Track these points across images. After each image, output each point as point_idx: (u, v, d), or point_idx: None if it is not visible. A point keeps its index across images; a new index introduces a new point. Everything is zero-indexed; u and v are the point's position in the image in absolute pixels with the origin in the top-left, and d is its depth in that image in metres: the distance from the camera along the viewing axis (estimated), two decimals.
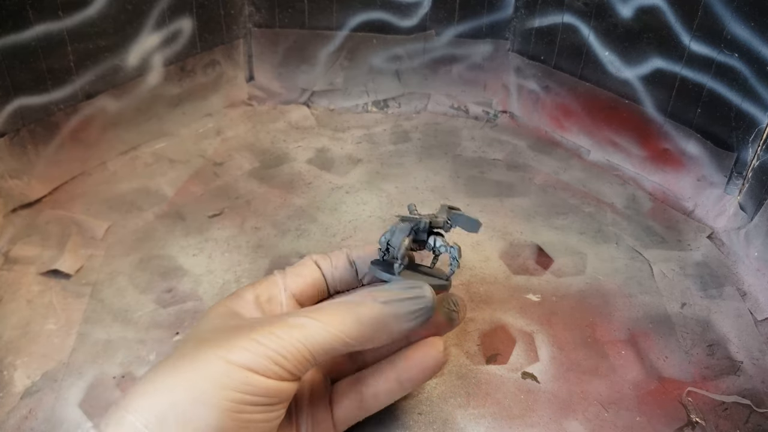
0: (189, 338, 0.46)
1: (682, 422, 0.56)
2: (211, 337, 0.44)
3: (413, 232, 0.51)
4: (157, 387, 0.41)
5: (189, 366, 0.41)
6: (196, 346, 0.43)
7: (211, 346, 0.42)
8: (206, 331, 0.45)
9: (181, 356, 0.42)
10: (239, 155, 0.92)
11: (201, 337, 0.44)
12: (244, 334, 0.43)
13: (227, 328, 0.45)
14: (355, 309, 0.45)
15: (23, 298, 0.66)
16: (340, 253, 0.55)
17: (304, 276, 0.53)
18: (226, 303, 0.49)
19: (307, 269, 0.53)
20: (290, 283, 0.52)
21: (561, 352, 0.62)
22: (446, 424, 0.54)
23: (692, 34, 0.79)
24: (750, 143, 0.76)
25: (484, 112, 1.05)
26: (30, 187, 0.79)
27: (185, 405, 0.39)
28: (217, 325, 0.46)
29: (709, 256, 0.76)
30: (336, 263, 0.54)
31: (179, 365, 0.41)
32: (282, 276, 0.52)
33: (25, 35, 0.74)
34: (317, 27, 1.03)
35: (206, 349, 0.42)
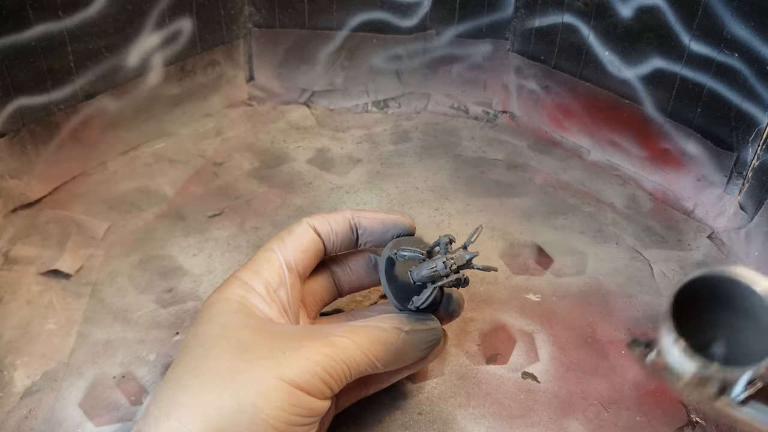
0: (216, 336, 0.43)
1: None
2: (256, 344, 0.43)
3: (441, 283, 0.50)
4: (209, 401, 0.40)
5: (244, 382, 0.40)
6: (243, 354, 0.42)
7: (264, 360, 0.42)
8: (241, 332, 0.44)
9: (230, 368, 0.41)
10: (239, 155, 0.92)
11: (242, 341, 0.43)
12: (294, 349, 0.43)
13: (270, 336, 0.44)
14: (385, 336, 0.47)
15: (23, 298, 0.66)
16: (341, 218, 0.53)
17: (305, 249, 0.51)
18: (236, 294, 0.47)
19: (307, 238, 0.51)
20: (292, 260, 0.50)
21: (561, 352, 0.62)
22: (446, 424, 0.54)
23: (692, 34, 0.79)
24: (750, 143, 0.76)
25: (484, 112, 1.05)
26: (30, 187, 0.79)
27: (243, 424, 0.39)
28: (250, 325, 0.44)
29: (710, 256, 0.76)
30: (336, 229, 0.53)
31: (232, 379, 0.40)
32: (282, 250, 0.50)
33: (25, 35, 0.74)
34: (317, 27, 1.03)
35: (259, 363, 0.41)
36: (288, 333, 0.45)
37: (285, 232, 0.52)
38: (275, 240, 0.51)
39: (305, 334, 0.45)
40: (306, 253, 0.51)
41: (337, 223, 0.53)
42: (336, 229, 0.53)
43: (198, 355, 0.42)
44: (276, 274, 0.49)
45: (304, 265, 0.51)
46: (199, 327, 0.45)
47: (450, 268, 0.50)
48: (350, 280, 0.57)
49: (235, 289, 0.48)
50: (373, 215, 0.54)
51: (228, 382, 0.40)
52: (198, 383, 0.41)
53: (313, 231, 0.52)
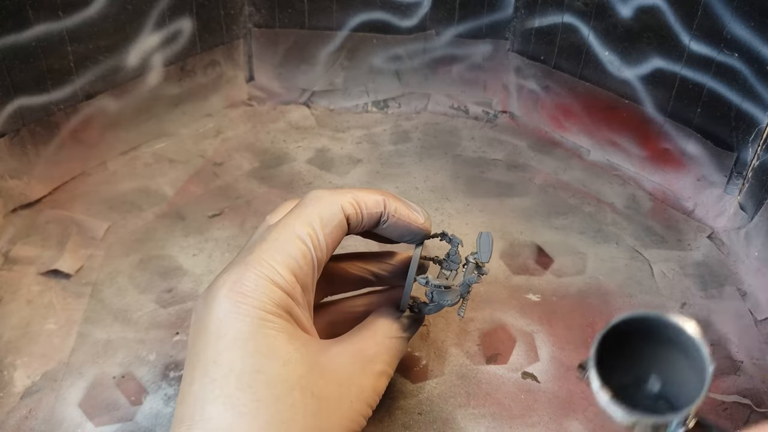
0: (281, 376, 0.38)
1: None
2: (330, 398, 0.40)
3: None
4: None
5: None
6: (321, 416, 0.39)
7: (339, 421, 0.41)
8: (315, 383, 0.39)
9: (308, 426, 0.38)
10: (239, 155, 0.92)
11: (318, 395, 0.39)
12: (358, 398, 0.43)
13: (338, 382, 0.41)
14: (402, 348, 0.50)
15: (23, 298, 0.66)
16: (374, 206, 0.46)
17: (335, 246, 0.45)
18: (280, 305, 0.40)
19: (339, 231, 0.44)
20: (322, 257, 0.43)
21: (561, 352, 0.62)
22: (446, 424, 0.54)
23: (692, 33, 0.79)
24: (750, 143, 0.76)
25: (484, 112, 1.05)
26: (30, 187, 0.79)
27: None
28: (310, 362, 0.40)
29: (709, 256, 0.76)
30: (366, 220, 0.46)
31: None
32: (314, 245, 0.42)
33: (25, 35, 0.74)
34: (317, 27, 1.03)
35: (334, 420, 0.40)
36: (344, 369, 0.42)
37: (315, 216, 0.43)
38: (304, 224, 0.42)
39: (357, 368, 0.44)
40: (334, 246, 0.45)
41: (370, 216, 0.46)
42: (365, 221, 0.46)
43: (270, 407, 0.37)
44: (309, 278, 0.42)
45: (326, 261, 0.45)
46: (256, 359, 0.38)
47: (463, 296, 0.53)
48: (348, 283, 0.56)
49: (278, 301, 0.40)
50: (405, 215, 0.48)
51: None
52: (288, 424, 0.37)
53: (345, 221, 0.44)
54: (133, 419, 0.55)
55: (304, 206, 0.44)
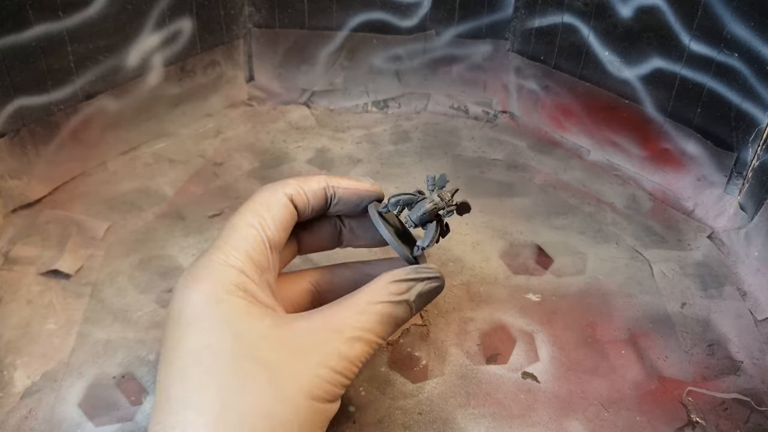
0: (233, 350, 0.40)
1: (683, 422, 0.56)
2: (279, 361, 0.40)
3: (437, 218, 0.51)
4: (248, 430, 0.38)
5: (281, 410, 0.39)
6: (271, 377, 0.39)
7: (293, 384, 0.40)
8: (259, 345, 0.41)
9: (262, 394, 0.39)
10: (239, 155, 0.92)
11: (264, 360, 0.40)
12: (319, 364, 0.41)
13: (287, 346, 0.41)
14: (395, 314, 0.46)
15: (23, 299, 0.66)
16: (318, 188, 0.50)
17: (285, 227, 0.48)
18: (234, 284, 0.43)
19: (287, 214, 0.48)
20: (273, 238, 0.47)
21: (561, 352, 0.62)
22: (446, 424, 0.54)
23: (692, 33, 0.79)
24: (750, 143, 0.76)
25: (484, 112, 1.05)
26: (30, 187, 0.79)
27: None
28: (264, 334, 0.41)
29: (709, 255, 0.76)
30: (312, 202, 0.50)
31: (268, 412, 0.39)
32: (264, 228, 0.46)
33: (25, 35, 0.74)
34: (317, 27, 1.03)
35: (290, 388, 0.40)
36: (304, 336, 0.43)
37: (261, 205, 0.48)
38: (252, 214, 0.47)
39: (321, 336, 0.43)
40: (286, 230, 0.48)
41: (314, 194, 0.50)
42: (312, 202, 0.50)
43: (220, 379, 0.39)
44: (264, 257, 0.46)
45: (281, 242, 0.48)
46: (205, 337, 0.40)
47: (445, 200, 0.50)
48: (312, 242, 0.55)
49: (232, 280, 0.43)
50: (347, 185, 0.51)
51: (265, 414, 0.39)
52: (231, 417, 0.38)
53: (290, 203, 0.49)
54: (133, 419, 0.55)
55: (252, 198, 0.49)
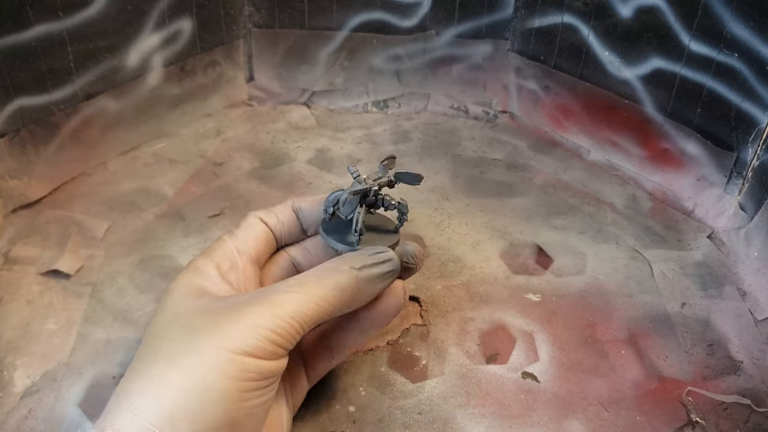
0: (166, 324, 0.44)
1: (683, 422, 0.56)
2: (201, 324, 0.43)
3: (363, 200, 0.52)
4: (159, 384, 0.40)
5: (190, 360, 0.40)
6: (189, 336, 0.42)
7: (207, 335, 0.41)
8: (189, 315, 0.44)
9: (177, 350, 0.41)
10: (239, 155, 0.92)
11: (189, 324, 0.43)
12: (237, 318, 0.42)
13: (214, 312, 0.43)
14: (336, 278, 0.46)
15: (23, 298, 0.66)
16: (284, 206, 0.55)
17: (256, 236, 0.52)
18: (187, 280, 0.47)
19: (256, 228, 0.53)
20: (243, 246, 0.51)
21: (561, 352, 0.62)
22: (446, 424, 0.54)
23: (692, 33, 0.79)
24: (750, 143, 0.76)
25: (484, 112, 1.05)
26: (30, 187, 0.79)
27: (194, 402, 0.39)
28: (197, 307, 0.45)
29: (709, 255, 0.76)
30: (282, 218, 0.54)
31: (179, 360, 0.41)
32: (233, 239, 0.51)
33: (25, 35, 0.74)
34: (317, 27, 1.03)
35: (203, 339, 0.41)
36: (233, 305, 0.44)
37: (235, 226, 0.53)
38: (225, 232, 0.53)
39: (249, 300, 0.44)
40: (257, 240, 0.52)
41: (282, 212, 0.54)
42: (282, 218, 0.54)
43: (151, 345, 0.43)
44: (226, 258, 0.50)
45: (256, 251, 0.52)
46: (153, 319, 0.45)
47: (365, 181, 0.52)
48: (309, 261, 0.56)
49: (185, 276, 0.48)
50: (311, 198, 0.55)
51: (175, 364, 0.40)
52: (149, 371, 0.41)
53: (260, 222, 0.53)
54: None
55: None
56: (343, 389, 0.57)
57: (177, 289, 0.47)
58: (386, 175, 0.53)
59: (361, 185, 0.52)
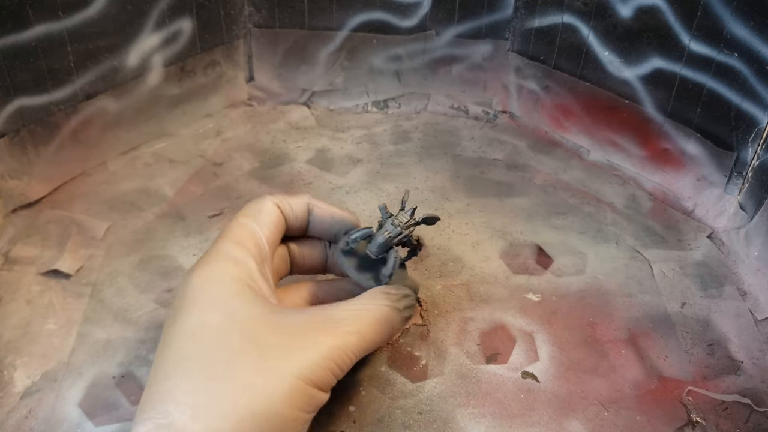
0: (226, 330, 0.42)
1: (683, 421, 0.56)
2: (273, 343, 0.42)
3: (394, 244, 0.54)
4: (230, 405, 0.39)
5: (264, 383, 0.40)
6: (262, 354, 0.41)
7: (282, 360, 0.41)
8: (256, 327, 0.42)
9: (249, 367, 0.40)
10: (239, 155, 0.92)
11: (259, 339, 0.42)
12: (308, 346, 0.42)
13: (284, 331, 0.43)
14: (386, 318, 0.48)
15: (23, 298, 0.66)
16: (299, 200, 0.54)
17: (275, 224, 0.52)
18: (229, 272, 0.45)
19: (275, 216, 0.52)
20: (267, 234, 0.51)
21: (561, 352, 0.62)
22: (446, 424, 0.54)
23: (692, 33, 0.79)
24: (750, 143, 0.76)
25: (484, 112, 1.05)
26: (30, 187, 0.79)
27: (257, 425, 0.39)
28: (261, 317, 0.43)
29: (709, 255, 0.76)
30: (296, 211, 0.54)
31: (251, 380, 0.40)
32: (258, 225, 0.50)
33: (25, 35, 0.74)
34: (317, 27, 1.03)
35: (278, 364, 0.41)
36: (298, 324, 0.44)
37: (253, 209, 0.51)
38: (246, 216, 0.51)
39: (316, 326, 0.44)
40: (276, 229, 0.52)
41: (298, 205, 0.54)
42: (296, 212, 0.53)
43: (209, 352, 0.41)
44: (259, 250, 0.49)
45: (274, 240, 0.51)
46: (200, 315, 0.43)
47: (400, 226, 0.53)
48: (303, 262, 0.57)
49: (224, 266, 0.46)
50: (326, 207, 0.55)
51: (247, 384, 0.40)
52: (216, 386, 0.39)
53: (277, 209, 0.52)
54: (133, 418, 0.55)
55: (242, 208, 0.52)
56: (343, 389, 0.57)
57: (220, 281, 0.45)
58: (412, 218, 0.55)
59: (398, 229, 0.53)
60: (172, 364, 0.40)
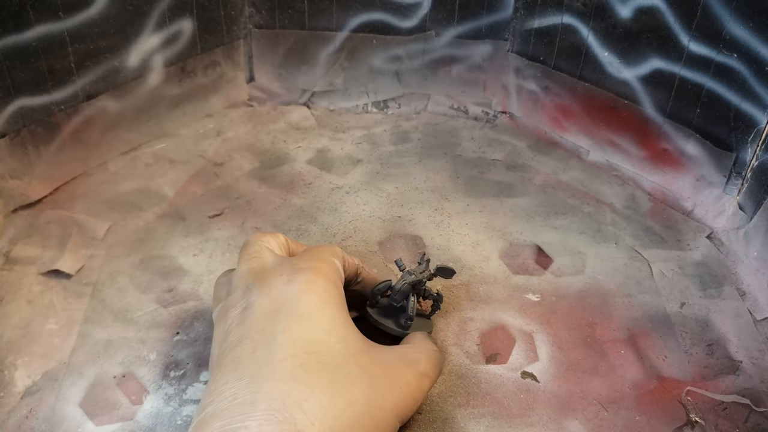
0: (341, 354, 0.44)
1: (682, 421, 0.56)
2: (381, 378, 0.44)
3: (413, 290, 0.59)
4: (348, 430, 0.40)
5: (376, 416, 0.42)
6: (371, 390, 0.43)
7: (389, 400, 0.44)
8: (366, 361, 0.45)
9: (365, 401, 0.42)
10: (239, 156, 0.93)
11: (367, 369, 0.44)
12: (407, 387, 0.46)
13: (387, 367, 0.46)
14: (439, 359, 0.54)
15: (24, 298, 0.66)
16: (353, 263, 0.57)
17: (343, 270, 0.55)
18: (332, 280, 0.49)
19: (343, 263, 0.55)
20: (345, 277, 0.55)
21: (560, 352, 0.62)
22: (446, 424, 0.55)
23: (691, 34, 0.79)
24: (749, 143, 0.76)
25: (484, 112, 1.05)
26: (31, 187, 0.79)
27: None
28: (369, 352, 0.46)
29: (709, 255, 0.76)
30: (349, 270, 0.56)
31: (364, 414, 0.41)
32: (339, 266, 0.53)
33: (25, 36, 0.74)
34: (317, 28, 1.03)
35: (386, 402, 0.43)
36: (392, 362, 0.48)
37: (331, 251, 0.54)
38: (329, 253, 0.53)
39: (402, 365, 0.48)
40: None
41: (352, 262, 0.57)
42: (349, 268, 0.56)
43: (331, 373, 0.42)
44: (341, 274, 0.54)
45: None
46: (319, 333, 0.44)
47: (415, 274, 0.58)
48: None
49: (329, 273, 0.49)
50: (373, 274, 0.60)
51: (365, 411, 0.42)
52: (340, 407, 0.41)
53: (342, 257, 0.55)
54: (134, 418, 0.55)
55: (321, 245, 0.55)
56: None
57: (333, 302, 0.47)
58: (427, 269, 0.60)
59: (413, 276, 0.58)
60: (291, 373, 0.41)
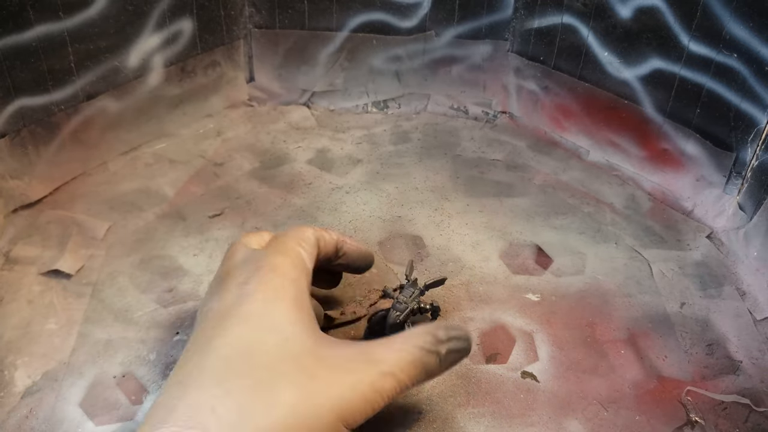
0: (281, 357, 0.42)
1: (682, 421, 0.56)
2: (324, 380, 0.42)
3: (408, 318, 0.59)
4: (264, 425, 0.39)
5: (306, 418, 0.40)
6: (312, 392, 0.41)
7: (330, 403, 0.42)
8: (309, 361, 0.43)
9: (301, 406, 0.40)
10: (239, 156, 0.93)
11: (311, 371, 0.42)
12: (355, 389, 0.43)
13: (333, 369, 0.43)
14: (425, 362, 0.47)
15: (24, 298, 0.66)
16: (331, 239, 0.56)
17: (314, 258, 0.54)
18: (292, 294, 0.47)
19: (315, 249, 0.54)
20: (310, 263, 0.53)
21: (560, 352, 0.62)
22: (446, 423, 0.55)
23: (691, 34, 0.79)
24: (749, 143, 0.76)
25: (484, 112, 1.05)
26: (31, 187, 0.79)
27: None
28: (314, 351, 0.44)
29: (709, 255, 0.76)
30: (329, 245, 0.56)
31: (296, 412, 0.40)
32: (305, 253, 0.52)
33: (25, 36, 0.74)
34: (317, 28, 1.03)
35: (326, 406, 0.41)
36: (342, 359, 0.45)
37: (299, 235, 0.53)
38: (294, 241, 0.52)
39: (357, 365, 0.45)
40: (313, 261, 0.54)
41: (330, 237, 0.56)
42: (329, 243, 0.56)
43: (260, 373, 0.41)
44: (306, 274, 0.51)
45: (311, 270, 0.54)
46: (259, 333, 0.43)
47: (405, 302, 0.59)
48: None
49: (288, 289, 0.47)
50: (356, 245, 0.59)
51: (290, 414, 0.40)
52: (260, 409, 0.40)
53: (317, 241, 0.54)
54: (134, 418, 0.55)
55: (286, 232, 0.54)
56: None
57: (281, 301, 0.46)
58: (416, 291, 0.60)
59: (404, 305, 0.58)
60: (216, 374, 0.41)
